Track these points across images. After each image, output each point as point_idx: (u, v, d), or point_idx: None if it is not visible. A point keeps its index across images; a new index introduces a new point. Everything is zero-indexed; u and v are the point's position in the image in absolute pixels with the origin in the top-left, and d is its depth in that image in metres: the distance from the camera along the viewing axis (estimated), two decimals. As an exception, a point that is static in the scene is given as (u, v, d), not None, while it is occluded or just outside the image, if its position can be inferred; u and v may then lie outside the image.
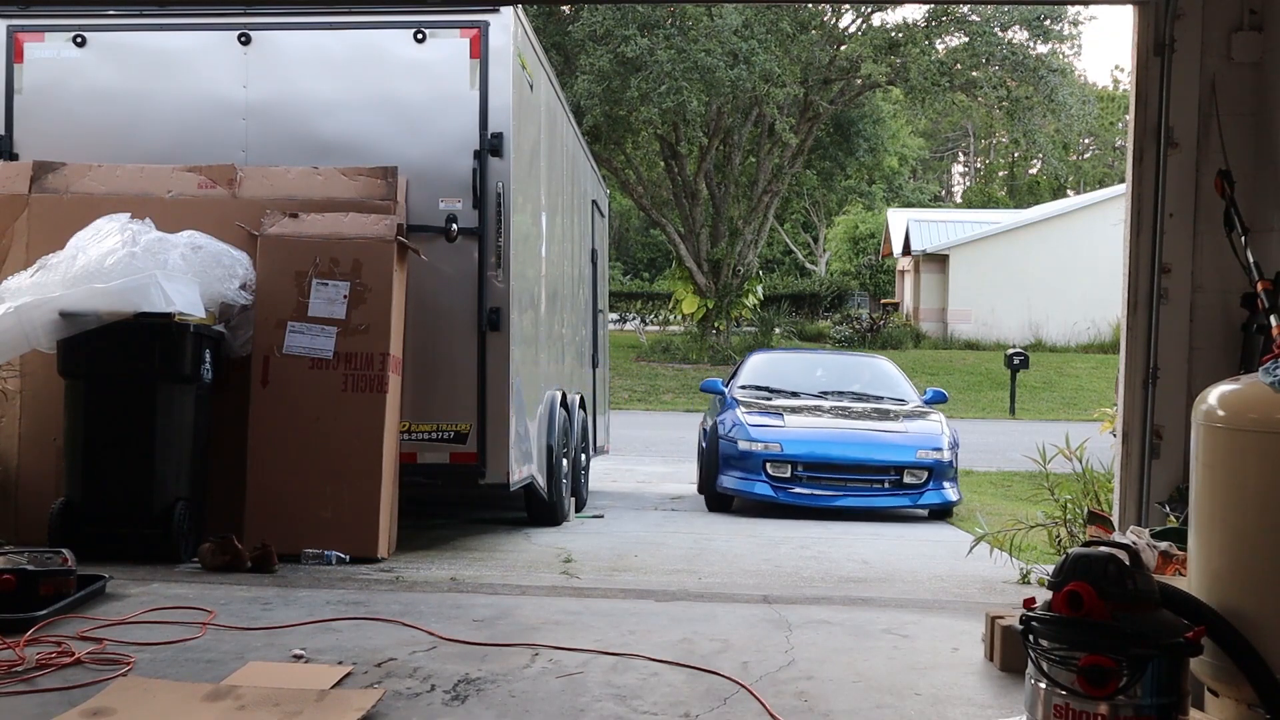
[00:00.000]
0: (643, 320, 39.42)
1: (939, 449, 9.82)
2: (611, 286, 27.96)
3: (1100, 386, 21.84)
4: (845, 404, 10.80)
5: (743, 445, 9.72)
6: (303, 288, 6.19)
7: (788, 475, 9.65)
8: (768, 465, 9.68)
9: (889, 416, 10.44)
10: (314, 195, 6.47)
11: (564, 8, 24.89)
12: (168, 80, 6.85)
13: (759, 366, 11.86)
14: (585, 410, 9.98)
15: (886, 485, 9.70)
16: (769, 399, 10.76)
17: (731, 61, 24.52)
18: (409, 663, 3.99)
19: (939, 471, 9.74)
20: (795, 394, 10.94)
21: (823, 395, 10.98)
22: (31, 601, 4.40)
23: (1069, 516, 6.63)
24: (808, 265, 47.39)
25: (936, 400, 11.08)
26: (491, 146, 6.67)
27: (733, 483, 9.80)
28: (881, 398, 11.01)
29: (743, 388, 11.06)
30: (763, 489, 9.67)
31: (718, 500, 10.07)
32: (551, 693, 3.70)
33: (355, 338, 6.14)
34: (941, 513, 9.90)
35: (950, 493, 9.85)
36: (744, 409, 10.30)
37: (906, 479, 9.69)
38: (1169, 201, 5.43)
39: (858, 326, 32.43)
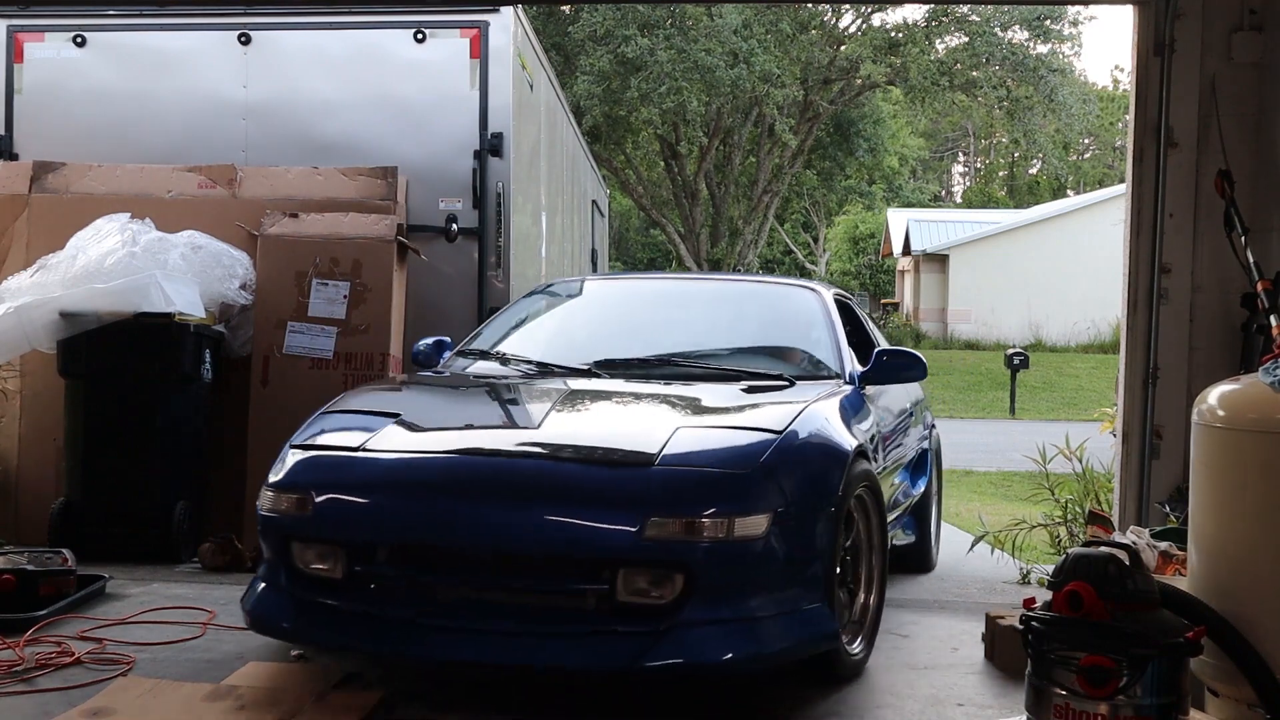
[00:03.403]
0: (643, 320, 39.33)
1: (730, 508, 3.53)
2: (611, 286, 27.89)
3: (1100, 386, 21.82)
4: (627, 388, 4.62)
5: (261, 501, 3.93)
6: (303, 288, 6.19)
7: (337, 576, 3.69)
8: (295, 550, 3.78)
9: (695, 411, 4.19)
10: (314, 195, 6.47)
11: (564, 8, 24.90)
12: (168, 80, 6.85)
13: (529, 313, 5.68)
14: (585, 410, 9.93)
15: (590, 606, 3.49)
16: (466, 383, 4.91)
17: (731, 61, 24.55)
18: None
19: (729, 576, 3.50)
20: (547, 368, 4.87)
21: (601, 370, 4.81)
22: (31, 601, 4.41)
23: (1069, 516, 6.63)
24: (808, 265, 47.38)
25: (896, 373, 5.08)
26: (491, 146, 6.67)
27: (253, 594, 3.90)
28: (741, 373, 4.75)
29: (465, 355, 5.24)
30: (270, 608, 3.80)
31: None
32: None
33: (355, 338, 6.14)
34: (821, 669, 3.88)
35: (780, 632, 3.60)
36: (343, 406, 4.54)
37: (627, 593, 3.48)
38: (1169, 201, 5.43)
39: (858, 326, 32.37)
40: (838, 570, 3.80)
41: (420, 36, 6.69)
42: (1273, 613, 2.95)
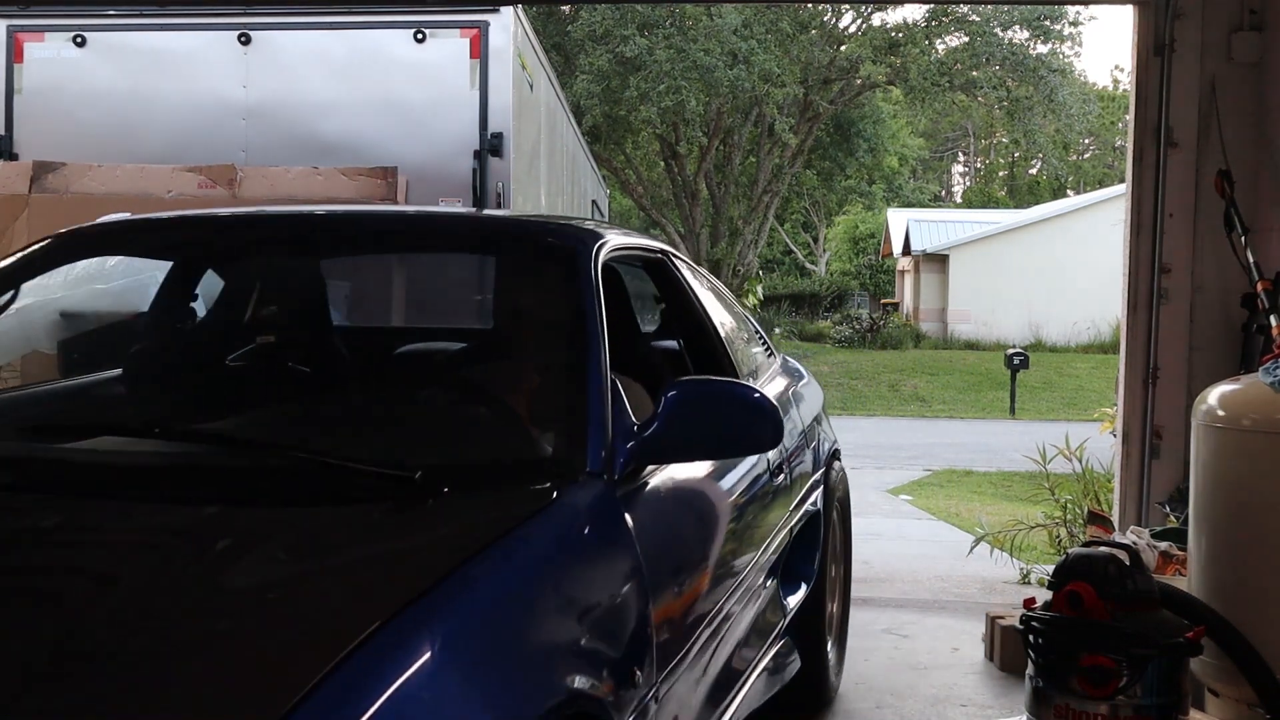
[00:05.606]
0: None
1: None
2: (611, 286, 27.85)
3: (1100, 386, 21.83)
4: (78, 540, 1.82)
5: None
6: (303, 288, 6.19)
7: None
8: None
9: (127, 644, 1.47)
10: (314, 195, 6.46)
11: (564, 8, 24.92)
12: (168, 80, 6.85)
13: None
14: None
15: None
16: None
17: (731, 61, 24.56)
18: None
19: None
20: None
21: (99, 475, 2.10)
22: (31, 601, 4.40)
23: (1069, 516, 6.63)
24: (808, 265, 47.42)
25: (710, 436, 2.17)
26: (491, 146, 6.67)
27: None
28: (348, 464, 1.94)
29: None
30: None
31: None
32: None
33: (355, 338, 6.14)
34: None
35: None
36: None
37: None
38: (1169, 201, 5.43)
39: (858, 326, 32.45)
40: None
41: (420, 36, 6.69)
42: (1273, 613, 2.95)
